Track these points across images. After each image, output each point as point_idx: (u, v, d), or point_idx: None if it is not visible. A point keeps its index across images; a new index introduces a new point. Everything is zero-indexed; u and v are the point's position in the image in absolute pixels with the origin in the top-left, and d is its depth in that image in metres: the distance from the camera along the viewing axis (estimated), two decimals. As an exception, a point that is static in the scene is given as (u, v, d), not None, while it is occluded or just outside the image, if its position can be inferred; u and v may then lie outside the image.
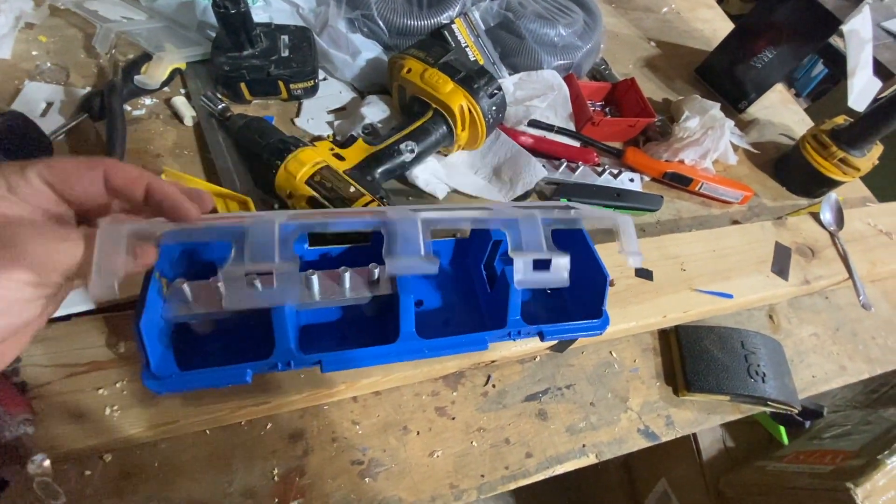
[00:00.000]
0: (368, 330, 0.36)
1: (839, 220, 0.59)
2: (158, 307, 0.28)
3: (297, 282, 0.28)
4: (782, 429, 0.77)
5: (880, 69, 0.92)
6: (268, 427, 0.37)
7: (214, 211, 0.30)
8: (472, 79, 0.50)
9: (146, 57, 0.52)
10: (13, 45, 0.51)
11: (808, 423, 0.78)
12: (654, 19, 0.88)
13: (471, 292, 0.43)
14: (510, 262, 0.33)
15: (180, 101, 0.51)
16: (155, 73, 0.50)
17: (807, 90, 1.99)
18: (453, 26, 0.57)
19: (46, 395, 0.32)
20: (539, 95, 0.59)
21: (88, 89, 0.50)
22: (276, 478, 0.36)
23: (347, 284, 0.30)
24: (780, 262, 0.52)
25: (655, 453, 0.95)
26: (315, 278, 0.30)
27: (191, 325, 0.32)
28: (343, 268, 0.32)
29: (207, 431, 0.36)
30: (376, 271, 0.31)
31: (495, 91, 0.51)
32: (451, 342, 0.33)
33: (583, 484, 1.18)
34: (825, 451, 0.78)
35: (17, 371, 0.32)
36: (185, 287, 0.29)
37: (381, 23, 0.56)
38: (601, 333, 0.38)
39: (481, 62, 0.58)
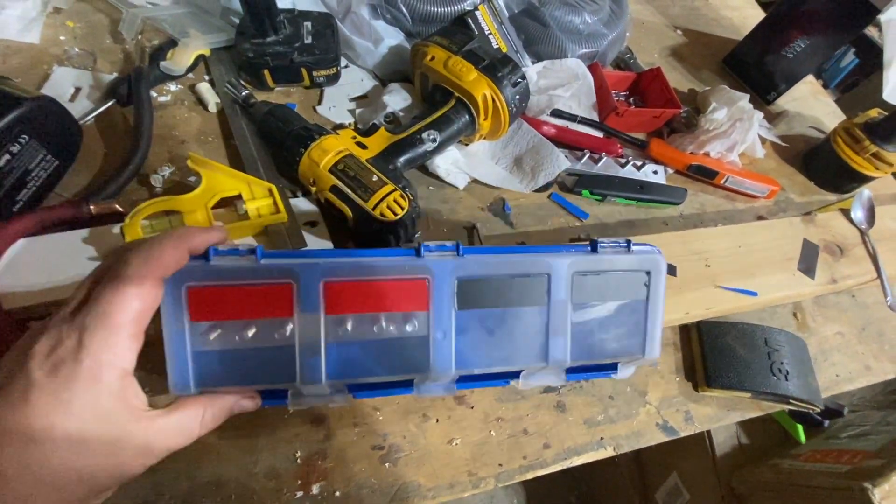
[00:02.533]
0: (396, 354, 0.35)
1: (870, 217, 0.57)
2: (187, 373, 0.27)
3: (345, 394, 0.31)
4: (800, 427, 0.77)
5: (917, 60, 0.88)
6: (291, 411, 0.38)
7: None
8: (496, 67, 0.49)
9: (171, 43, 0.52)
10: (41, 30, 0.52)
11: (826, 423, 0.76)
12: (682, 6, 0.85)
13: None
14: (556, 334, 0.32)
15: (204, 88, 0.51)
16: (180, 60, 0.50)
17: (835, 81, 1.92)
18: (477, 13, 0.56)
19: (81, 375, 0.32)
20: (563, 84, 0.58)
21: (115, 75, 0.51)
22: (298, 460, 0.37)
23: (381, 343, 0.29)
24: (808, 260, 0.51)
25: (667, 447, 0.95)
26: (349, 336, 0.28)
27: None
28: (377, 326, 0.30)
29: (233, 413, 0.37)
30: (413, 331, 0.29)
31: (519, 80, 0.50)
32: (475, 385, 0.33)
33: (593, 475, 1.18)
34: (843, 450, 0.77)
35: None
36: (212, 346, 0.27)
37: (404, 9, 0.55)
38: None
39: (504, 50, 0.58)
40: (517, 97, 0.50)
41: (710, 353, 0.47)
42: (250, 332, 0.27)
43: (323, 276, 0.28)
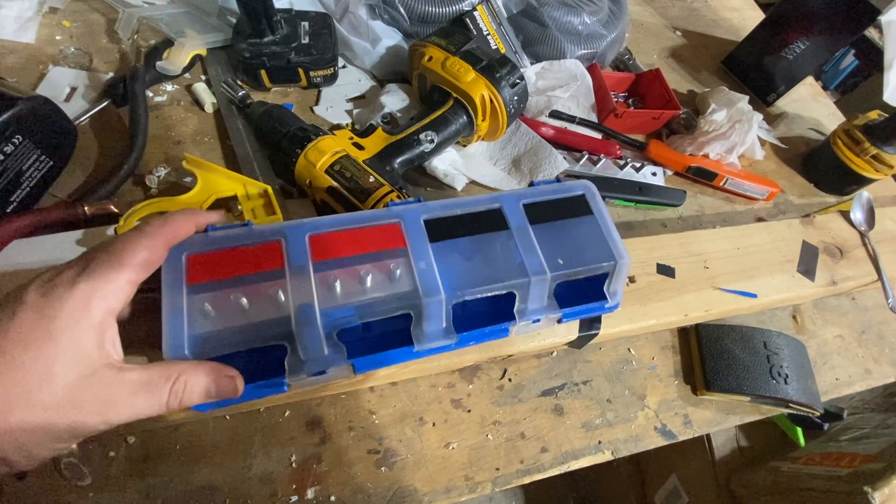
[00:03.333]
0: (391, 320, 0.36)
1: (870, 219, 0.57)
2: (182, 332, 0.27)
3: (344, 363, 0.31)
4: (799, 430, 0.76)
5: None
6: (286, 414, 0.38)
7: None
8: (495, 68, 0.49)
9: (168, 43, 0.52)
10: (37, 30, 0.52)
11: (826, 426, 0.76)
12: (681, 8, 0.85)
13: None
14: (527, 251, 0.33)
15: (201, 88, 0.51)
16: (176, 60, 0.50)
17: (834, 83, 1.92)
18: (475, 13, 0.56)
19: (73, 378, 0.32)
20: (561, 85, 0.58)
21: (111, 74, 0.50)
22: (293, 464, 0.36)
23: (369, 284, 0.30)
24: (807, 262, 0.51)
25: (667, 449, 0.95)
26: (338, 283, 0.30)
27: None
28: (364, 268, 0.31)
29: (227, 417, 0.37)
30: (398, 271, 0.31)
31: (517, 80, 0.50)
32: (475, 335, 0.33)
33: (592, 477, 1.18)
34: (842, 453, 0.76)
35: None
36: (207, 305, 0.28)
37: (402, 9, 0.55)
38: (612, 311, 0.38)
39: (503, 50, 0.57)
40: (515, 98, 0.50)
41: (708, 356, 0.46)
42: (244, 295, 0.28)
43: (308, 231, 0.31)
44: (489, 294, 0.32)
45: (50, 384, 0.21)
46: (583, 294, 0.36)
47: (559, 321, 0.36)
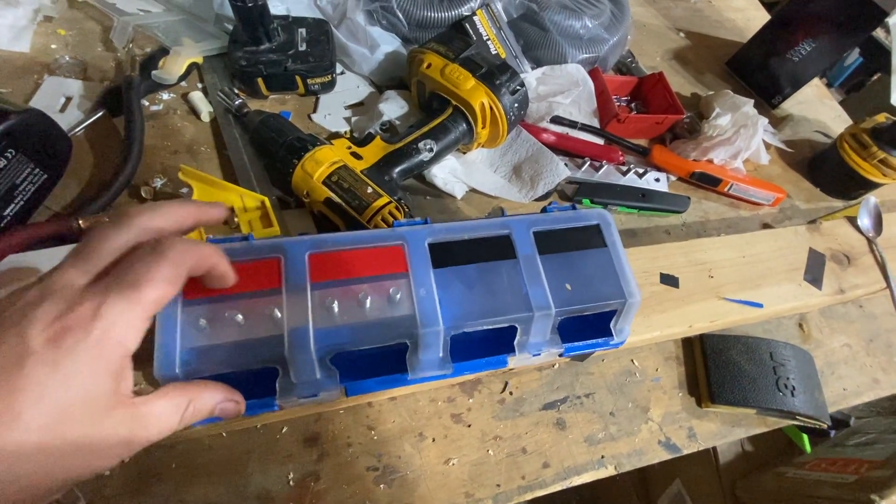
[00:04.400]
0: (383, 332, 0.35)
1: (878, 225, 0.56)
2: (174, 348, 0.27)
3: (336, 387, 0.30)
4: (805, 437, 0.75)
5: (925, 62, 0.87)
6: (283, 431, 0.37)
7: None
8: (494, 74, 0.48)
9: (163, 51, 0.51)
10: (32, 39, 0.51)
11: (832, 433, 0.75)
12: (684, 8, 0.84)
13: None
14: (533, 283, 0.32)
15: (197, 97, 0.50)
16: (172, 68, 0.49)
17: (839, 80, 1.90)
18: (475, 18, 0.55)
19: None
20: (563, 91, 0.57)
21: (106, 84, 0.50)
22: (291, 482, 0.36)
23: (367, 307, 0.29)
24: (814, 270, 0.50)
25: (670, 455, 0.94)
26: (335, 304, 0.29)
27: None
28: (363, 291, 0.31)
29: (224, 434, 0.36)
30: (397, 296, 0.30)
31: (518, 87, 0.49)
32: (472, 365, 0.33)
33: (595, 481, 1.17)
34: (849, 459, 0.75)
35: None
36: (202, 320, 0.27)
37: (400, 15, 0.54)
38: (618, 346, 0.37)
39: (503, 56, 0.56)
40: (516, 105, 0.49)
41: (714, 367, 0.45)
42: (240, 314, 0.28)
43: (308, 249, 0.30)
44: (490, 327, 0.31)
45: (69, 440, 0.19)
46: (588, 326, 0.35)
47: (560, 355, 0.35)
